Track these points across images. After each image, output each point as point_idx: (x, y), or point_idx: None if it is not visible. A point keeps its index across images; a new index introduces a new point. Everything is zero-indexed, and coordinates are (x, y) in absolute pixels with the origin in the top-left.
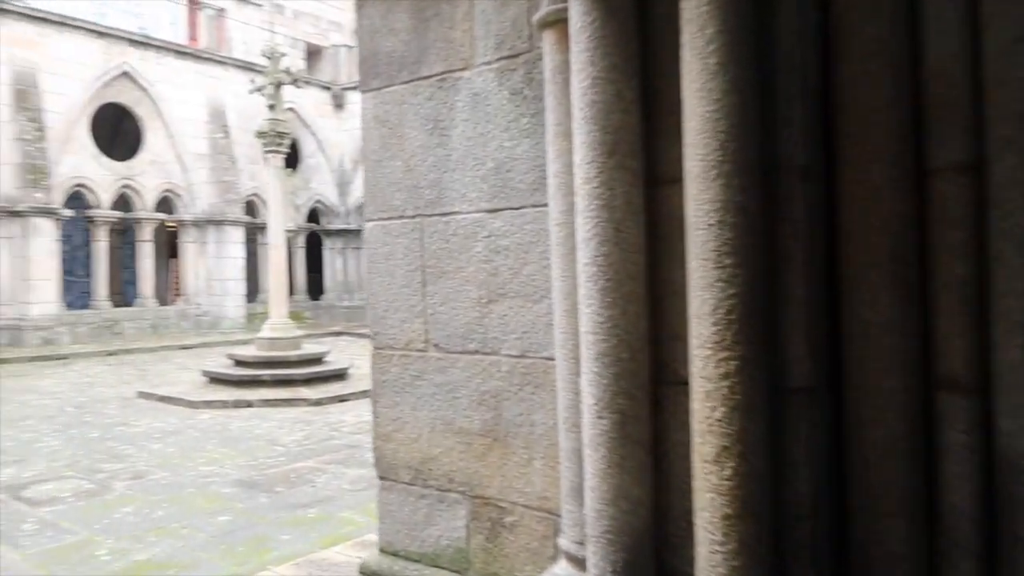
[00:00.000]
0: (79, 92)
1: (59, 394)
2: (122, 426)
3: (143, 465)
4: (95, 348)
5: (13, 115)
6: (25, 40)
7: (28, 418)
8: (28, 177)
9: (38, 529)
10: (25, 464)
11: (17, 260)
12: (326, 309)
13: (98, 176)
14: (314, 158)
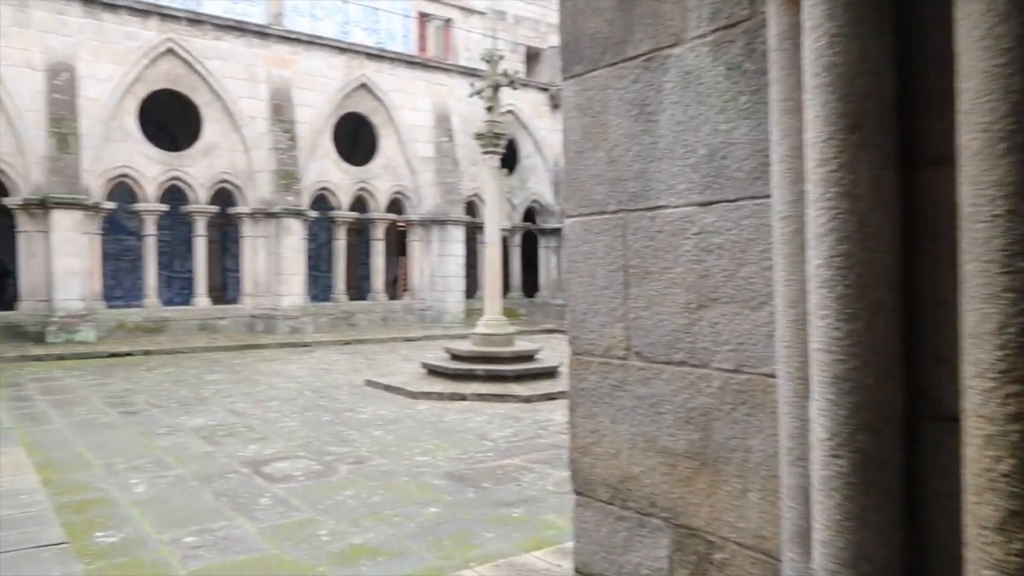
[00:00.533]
0: (324, 104)
1: (300, 378)
2: (350, 412)
3: (365, 451)
4: (333, 337)
5: (270, 127)
6: (281, 59)
7: (273, 399)
8: (281, 182)
9: (271, 504)
10: (267, 442)
11: (271, 256)
12: (540, 306)
13: (339, 180)
14: (531, 159)
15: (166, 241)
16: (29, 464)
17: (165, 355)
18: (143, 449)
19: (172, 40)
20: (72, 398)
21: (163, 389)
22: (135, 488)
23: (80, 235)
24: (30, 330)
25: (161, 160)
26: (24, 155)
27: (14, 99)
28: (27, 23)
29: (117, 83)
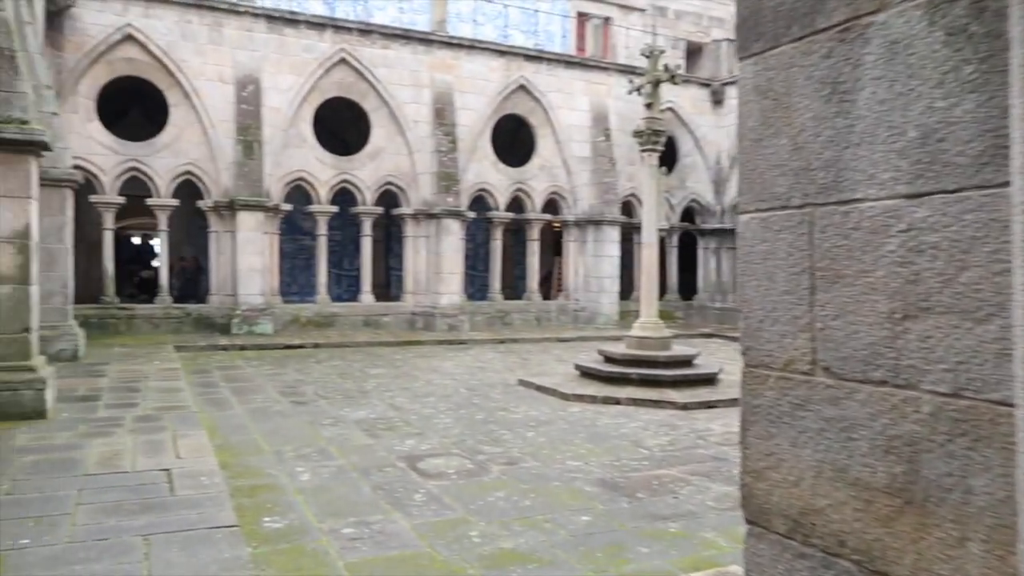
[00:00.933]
0: (483, 107)
1: (456, 376)
2: (503, 411)
3: (517, 452)
4: (488, 336)
5: (432, 131)
6: (444, 65)
7: (430, 395)
8: (442, 184)
9: (425, 501)
10: (423, 438)
11: (431, 256)
12: (697, 310)
13: (496, 181)
14: (690, 157)
15: (336, 241)
16: (210, 447)
17: (333, 348)
18: (310, 438)
19: (344, 50)
20: (250, 386)
21: (330, 381)
22: (301, 476)
23: (261, 235)
24: (218, 321)
25: (333, 164)
26: (215, 161)
27: (208, 111)
28: (220, 41)
29: (295, 93)
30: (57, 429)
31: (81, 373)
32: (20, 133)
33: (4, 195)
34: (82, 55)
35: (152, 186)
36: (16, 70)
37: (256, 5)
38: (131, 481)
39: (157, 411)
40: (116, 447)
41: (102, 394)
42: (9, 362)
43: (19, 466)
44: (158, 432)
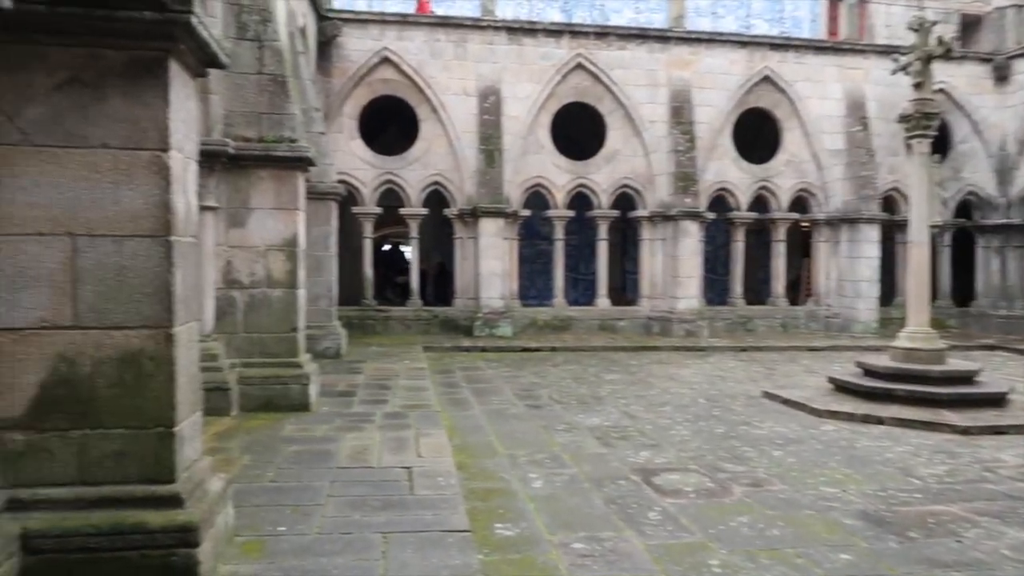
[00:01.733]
0: (724, 102)
1: (694, 384)
2: (745, 425)
3: (762, 472)
4: (729, 343)
5: (669, 130)
6: (681, 61)
7: (666, 404)
8: (679, 184)
9: (660, 520)
10: (658, 450)
11: (668, 259)
12: (976, 318)
13: (738, 180)
14: (966, 143)
15: (572, 244)
16: (448, 448)
17: (568, 352)
18: (543, 444)
19: (581, 55)
20: (489, 388)
21: (564, 385)
22: (533, 483)
23: (501, 240)
24: (461, 324)
25: (569, 169)
26: (460, 171)
27: (453, 123)
28: (464, 56)
29: (533, 100)
30: (318, 422)
31: (341, 370)
32: (289, 151)
33: (276, 207)
34: (346, 79)
35: (405, 196)
36: (287, 95)
37: (497, 18)
38: (376, 477)
39: (404, 409)
40: (365, 442)
41: (358, 390)
42: (280, 359)
43: (284, 455)
44: (403, 430)
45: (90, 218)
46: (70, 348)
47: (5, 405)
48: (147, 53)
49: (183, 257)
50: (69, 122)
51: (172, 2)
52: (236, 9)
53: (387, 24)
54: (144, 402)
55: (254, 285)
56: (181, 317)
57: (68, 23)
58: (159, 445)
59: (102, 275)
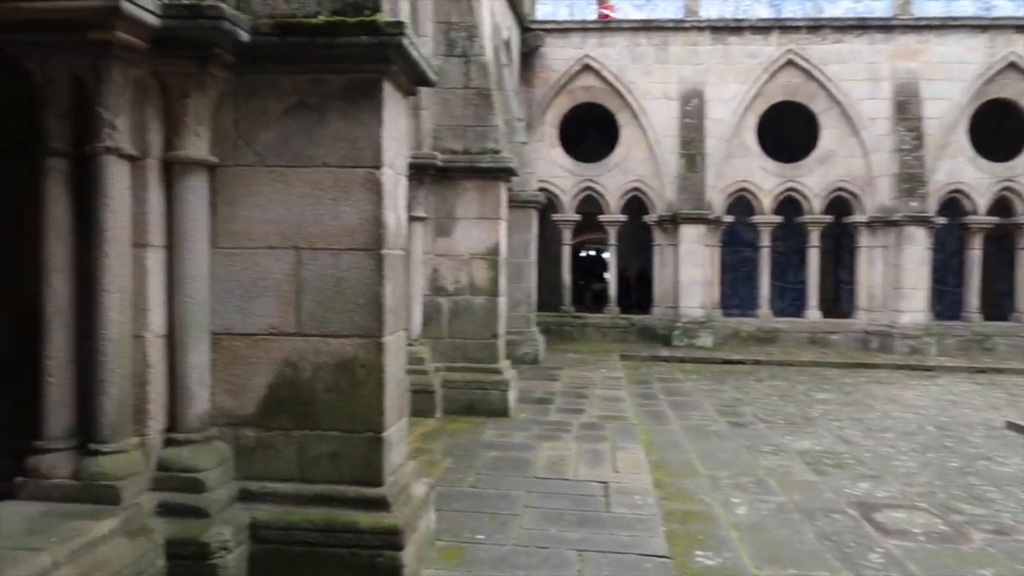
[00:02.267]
0: (958, 94)
1: (921, 409)
2: (985, 460)
3: (1008, 518)
4: (962, 363)
5: (892, 128)
6: (907, 51)
7: (887, 430)
8: (903, 187)
9: (883, 564)
10: (879, 482)
11: (889, 268)
12: None
13: (974, 180)
14: None
15: (779, 252)
16: (646, 464)
17: (774, 366)
18: (747, 466)
19: (791, 51)
20: (688, 401)
21: (770, 403)
22: (736, 509)
23: (702, 247)
24: (660, 332)
25: (777, 172)
26: (660, 177)
27: (654, 128)
28: (666, 59)
29: (738, 101)
30: (516, 428)
31: (540, 376)
32: (493, 162)
33: (479, 217)
34: (548, 88)
35: (603, 203)
36: (491, 107)
37: (700, 18)
38: (572, 490)
39: (600, 420)
40: (562, 452)
41: (555, 398)
42: (481, 364)
43: (484, 461)
44: (599, 442)
45: (312, 232)
46: (294, 353)
47: (240, 404)
48: (363, 75)
49: (393, 269)
50: (296, 144)
51: (386, 26)
52: (445, 27)
53: (588, 31)
54: (356, 407)
55: (458, 292)
56: (390, 327)
57: (296, 52)
58: (369, 449)
59: (321, 286)
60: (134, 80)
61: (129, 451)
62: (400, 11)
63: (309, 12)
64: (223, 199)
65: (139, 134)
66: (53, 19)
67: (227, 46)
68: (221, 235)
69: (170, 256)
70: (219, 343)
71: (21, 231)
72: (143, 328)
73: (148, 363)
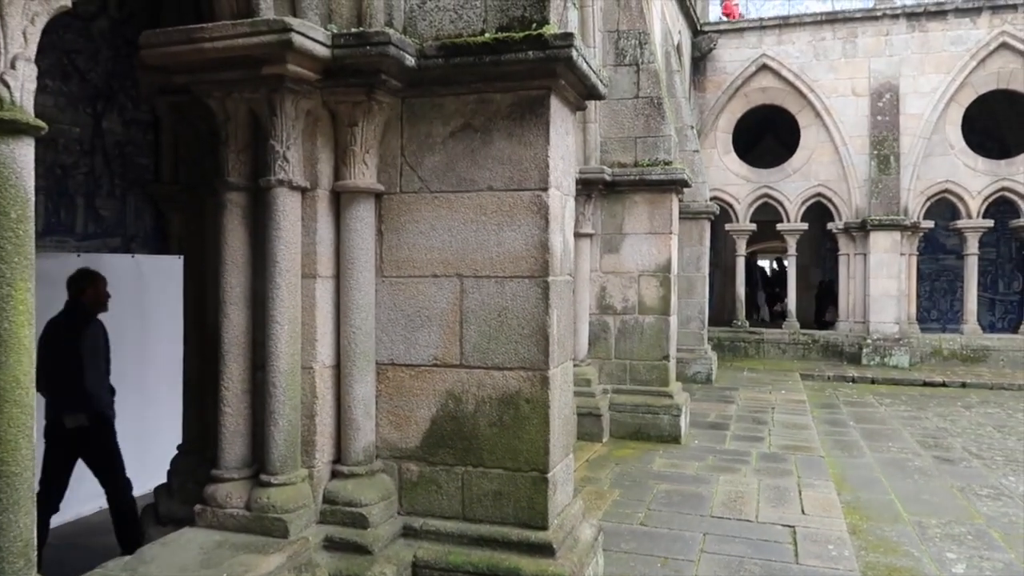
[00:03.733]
0: None
1: None
2: None
3: None
4: None
5: None
6: None
7: None
8: None
9: None
10: None
11: None
12: None
13: None
14: None
15: (988, 259)
16: (838, 505)
17: (985, 390)
18: (961, 511)
19: (1005, 33)
20: (883, 430)
21: (984, 434)
22: (953, 567)
23: (896, 256)
24: (846, 350)
25: (987, 171)
26: (847, 181)
27: (840, 128)
28: (854, 52)
29: (940, 94)
30: (688, 457)
31: (713, 397)
32: (664, 174)
33: (649, 232)
34: (720, 92)
35: (782, 211)
36: (663, 116)
37: (895, 5)
38: (754, 534)
39: (782, 450)
40: (740, 487)
41: (730, 423)
42: (651, 387)
43: (654, 494)
44: (783, 476)
45: (476, 260)
46: (457, 385)
47: (403, 436)
48: (530, 93)
49: (559, 297)
50: (460, 167)
51: (554, 39)
52: (614, 35)
53: (766, 29)
54: (520, 443)
55: (626, 311)
56: (556, 359)
57: (461, 72)
58: (533, 489)
59: (485, 315)
60: (305, 111)
61: (298, 483)
62: (569, 22)
63: (475, 31)
64: (388, 227)
65: (310, 165)
66: (231, 56)
67: (393, 71)
68: (386, 264)
69: (337, 286)
70: (384, 374)
71: (208, 263)
72: (312, 359)
73: (316, 394)
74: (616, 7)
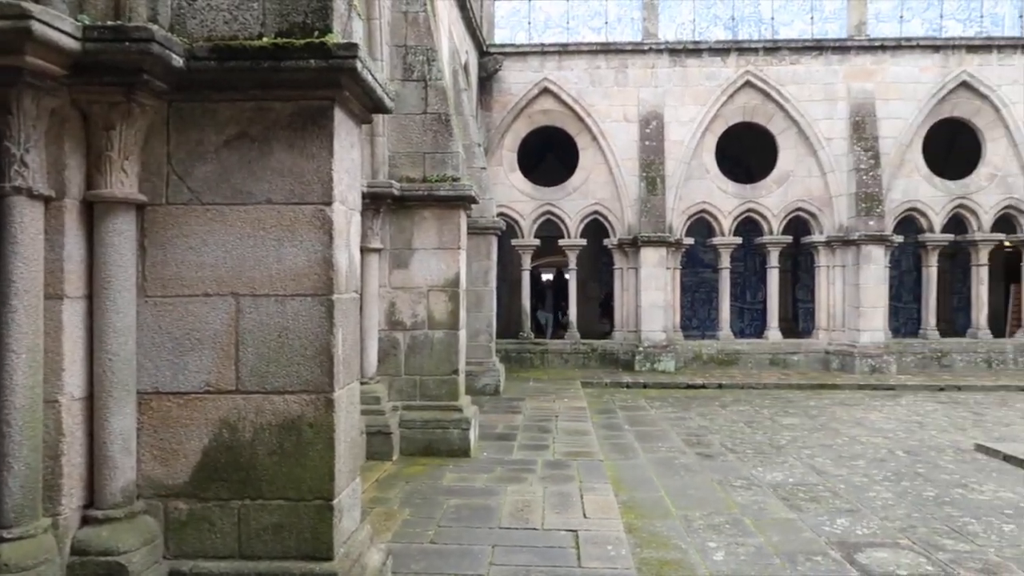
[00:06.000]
0: (913, 113)
1: (888, 432)
2: (960, 488)
3: (993, 553)
4: (921, 381)
5: (849, 147)
6: (863, 72)
7: (858, 457)
8: (861, 206)
9: None
10: (857, 517)
11: (848, 287)
12: None
13: (930, 198)
14: None
15: (738, 272)
16: (616, 506)
17: (737, 390)
18: (720, 503)
19: (749, 72)
20: (654, 432)
21: (737, 430)
22: (714, 554)
23: (663, 270)
24: (621, 358)
25: (736, 193)
26: (620, 200)
27: (614, 151)
28: (625, 81)
29: (697, 123)
30: (477, 470)
31: (501, 408)
32: (452, 190)
33: (438, 247)
34: (506, 112)
35: (563, 227)
36: (451, 133)
37: (659, 40)
38: (540, 542)
39: (565, 456)
40: (527, 496)
41: (517, 433)
42: (441, 402)
43: (444, 510)
44: (566, 482)
45: (253, 277)
46: (233, 413)
47: (171, 472)
48: (312, 103)
49: (345, 316)
50: (236, 178)
51: (337, 48)
52: (402, 51)
53: (547, 55)
54: (303, 471)
55: (416, 327)
56: (342, 380)
57: (237, 77)
58: (317, 518)
59: (264, 336)
60: (50, 110)
61: (38, 535)
62: (354, 32)
63: (252, 34)
64: (153, 242)
65: (55, 171)
66: None
67: (158, 72)
68: (150, 282)
69: (91, 307)
70: (147, 404)
71: None
72: (57, 391)
73: (63, 431)
74: (404, 22)
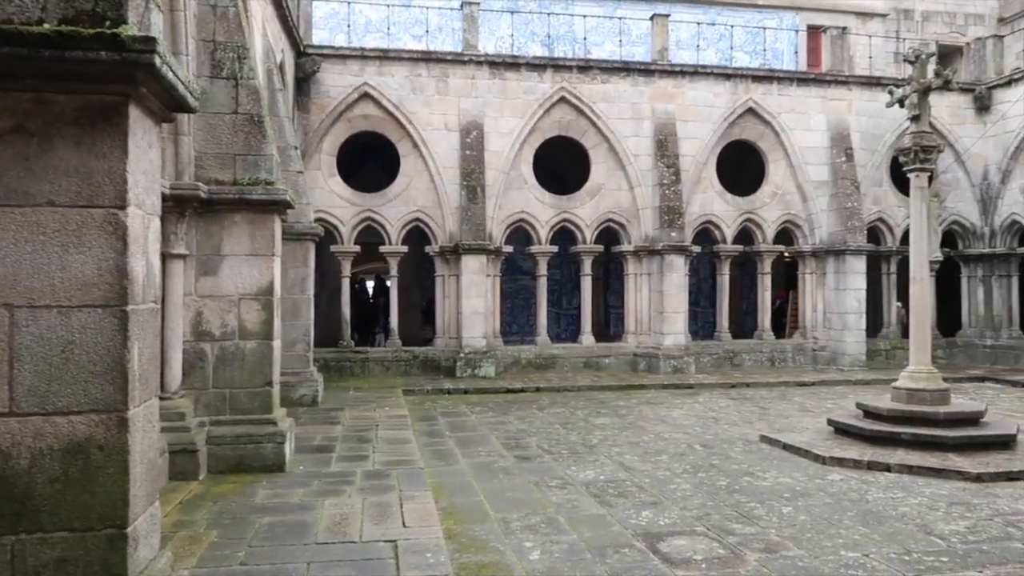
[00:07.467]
0: (708, 134)
1: (687, 428)
2: (748, 476)
3: (775, 534)
4: (717, 379)
5: (654, 163)
6: (666, 94)
7: (662, 453)
8: (664, 218)
9: None
10: (660, 509)
11: (654, 294)
12: (963, 348)
13: (723, 212)
14: (950, 173)
15: (555, 279)
16: (435, 514)
17: (554, 392)
18: (536, 504)
19: (564, 88)
20: (474, 437)
21: (553, 432)
22: (530, 554)
23: (484, 277)
24: (443, 364)
25: (552, 204)
26: (442, 208)
27: (435, 159)
28: (446, 91)
29: (516, 135)
30: (293, 485)
31: (319, 420)
32: (265, 194)
33: (250, 254)
34: (325, 115)
35: (384, 234)
36: (264, 134)
37: (479, 52)
38: (358, 554)
39: (385, 465)
40: (345, 509)
41: (336, 444)
42: (253, 415)
43: (256, 529)
44: (386, 492)
45: (32, 287)
46: (5, 439)
47: None
48: (103, 98)
49: (141, 328)
50: (10, 177)
51: (132, 41)
52: (210, 47)
53: (368, 59)
54: (91, 499)
55: (226, 337)
56: (138, 397)
57: (11, 65)
58: (108, 549)
59: (45, 352)
60: None
61: None
62: (152, 24)
63: (30, 18)
64: None
65: None
66: None
67: None
68: None
69: None
70: None
71: None
72: None
73: None
74: (212, 16)
